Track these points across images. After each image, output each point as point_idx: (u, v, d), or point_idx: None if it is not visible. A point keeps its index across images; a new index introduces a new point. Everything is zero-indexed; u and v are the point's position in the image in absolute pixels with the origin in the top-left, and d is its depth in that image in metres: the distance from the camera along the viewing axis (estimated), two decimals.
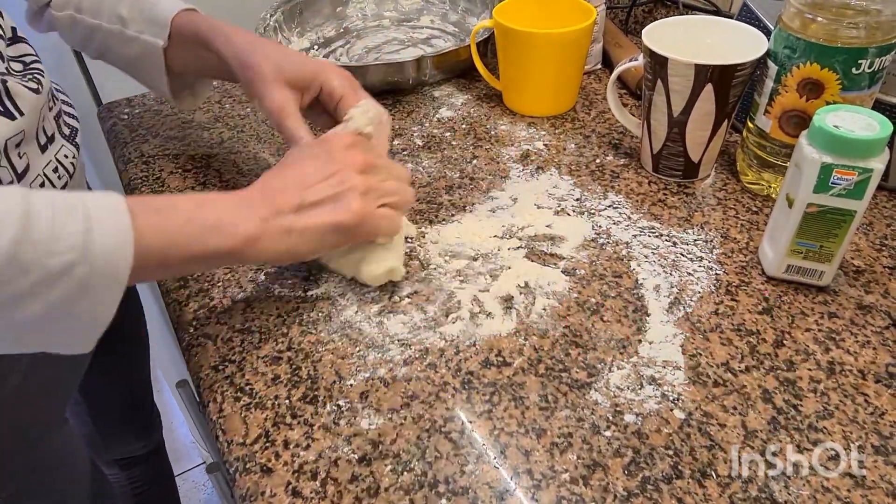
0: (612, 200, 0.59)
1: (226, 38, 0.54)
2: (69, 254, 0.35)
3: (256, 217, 0.43)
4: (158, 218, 0.40)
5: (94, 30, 0.59)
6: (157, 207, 0.40)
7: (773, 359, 0.45)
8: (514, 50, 0.69)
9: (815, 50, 0.50)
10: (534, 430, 0.41)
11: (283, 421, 0.42)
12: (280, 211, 0.44)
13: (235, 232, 0.42)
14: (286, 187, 0.45)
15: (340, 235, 0.46)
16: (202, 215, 0.41)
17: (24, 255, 0.33)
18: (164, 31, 0.57)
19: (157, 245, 0.39)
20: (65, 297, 0.35)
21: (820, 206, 0.45)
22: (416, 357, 0.46)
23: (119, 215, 0.37)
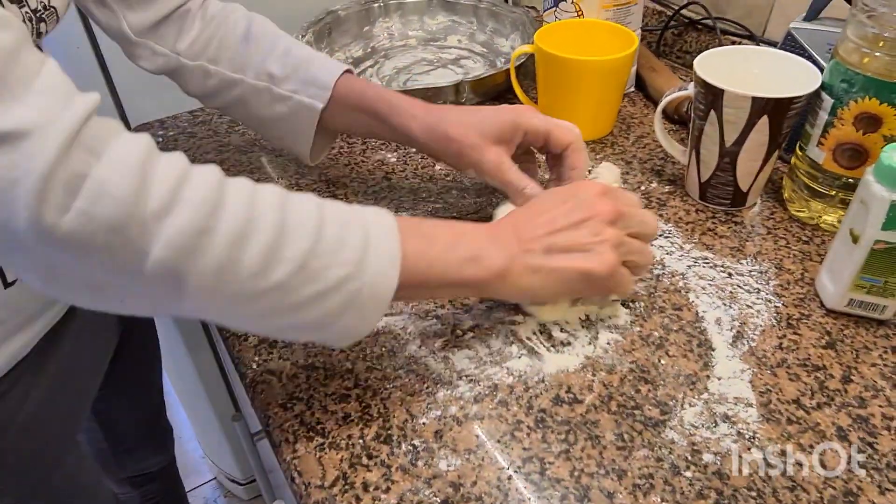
0: (663, 229, 0.60)
1: (405, 114, 0.55)
2: (347, 267, 0.37)
3: (506, 253, 0.44)
4: (424, 243, 0.42)
5: (233, 84, 0.59)
6: (423, 233, 0.43)
7: (843, 395, 0.45)
8: (556, 76, 0.69)
9: (874, 85, 0.50)
10: (614, 470, 0.41)
11: (359, 462, 0.42)
12: (529, 250, 0.45)
13: (490, 265, 0.43)
14: (537, 227, 0.46)
15: (586, 284, 0.46)
16: (461, 245, 0.43)
17: (312, 265, 0.36)
18: (324, 94, 0.57)
19: (420, 269, 0.41)
20: (335, 309, 0.37)
21: (888, 244, 0.45)
22: (485, 394, 0.46)
23: (391, 236, 0.39)
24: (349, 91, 0.57)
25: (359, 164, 0.71)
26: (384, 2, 0.95)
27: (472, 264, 0.43)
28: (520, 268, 0.44)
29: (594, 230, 0.45)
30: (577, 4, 0.73)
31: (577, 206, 0.46)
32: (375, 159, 0.71)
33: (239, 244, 0.34)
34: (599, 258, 0.45)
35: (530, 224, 0.46)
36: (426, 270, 0.41)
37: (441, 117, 0.55)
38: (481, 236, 0.45)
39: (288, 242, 0.35)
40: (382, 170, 0.70)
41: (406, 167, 0.70)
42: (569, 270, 0.45)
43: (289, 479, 0.43)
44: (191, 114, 0.81)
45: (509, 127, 0.53)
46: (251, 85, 0.58)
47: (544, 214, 0.47)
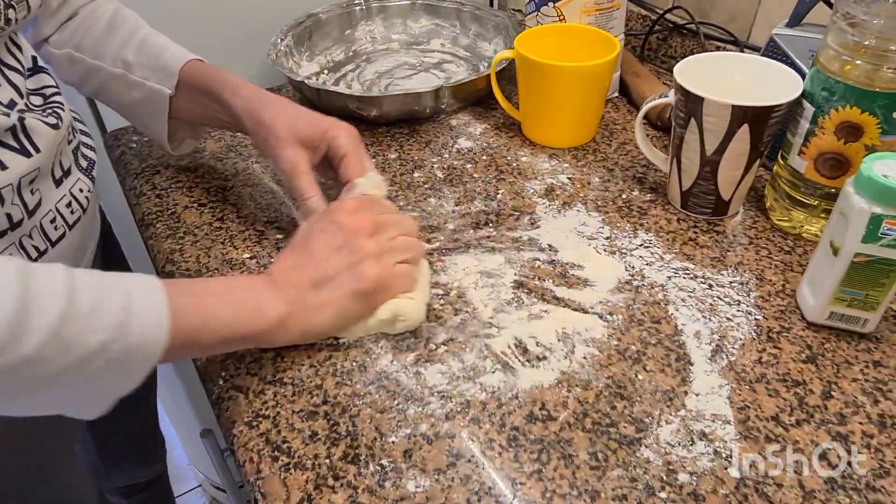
0: (643, 239, 0.59)
1: (236, 93, 0.56)
2: (108, 332, 0.35)
3: (283, 299, 0.44)
4: (194, 301, 0.40)
5: (94, 70, 0.60)
6: (192, 291, 0.41)
7: (822, 411, 0.44)
8: (536, 81, 0.68)
9: (855, 93, 0.49)
10: (587, 491, 0.40)
11: (325, 483, 0.41)
12: (302, 291, 0.45)
13: (266, 315, 0.43)
14: (302, 265, 0.46)
15: (363, 303, 0.47)
16: (234, 299, 0.43)
17: (68, 331, 0.33)
18: (172, 80, 0.58)
19: (191, 326, 0.40)
20: (97, 373, 0.36)
21: (868, 256, 0.44)
22: (458, 411, 0.45)
23: (156, 295, 0.38)
24: (194, 75, 0.58)
25: None
26: (366, 5, 0.94)
27: (251, 316, 0.43)
28: (297, 311, 0.44)
29: (353, 249, 0.46)
30: (558, 9, 0.72)
31: (335, 232, 0.47)
32: None
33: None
34: (362, 275, 0.46)
35: (295, 261, 0.47)
36: (199, 327, 0.40)
37: (264, 103, 0.55)
38: (256, 287, 0.44)
39: (34, 312, 0.33)
40: None
41: (384, 174, 0.69)
42: (341, 297, 0.45)
43: (252, 501, 0.41)
44: None
45: (318, 135, 0.54)
46: (109, 72, 0.59)
47: (308, 249, 0.47)
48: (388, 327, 0.49)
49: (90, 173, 0.58)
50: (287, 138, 0.54)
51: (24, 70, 0.51)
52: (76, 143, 0.56)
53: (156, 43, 0.60)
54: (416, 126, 0.76)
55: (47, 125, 0.50)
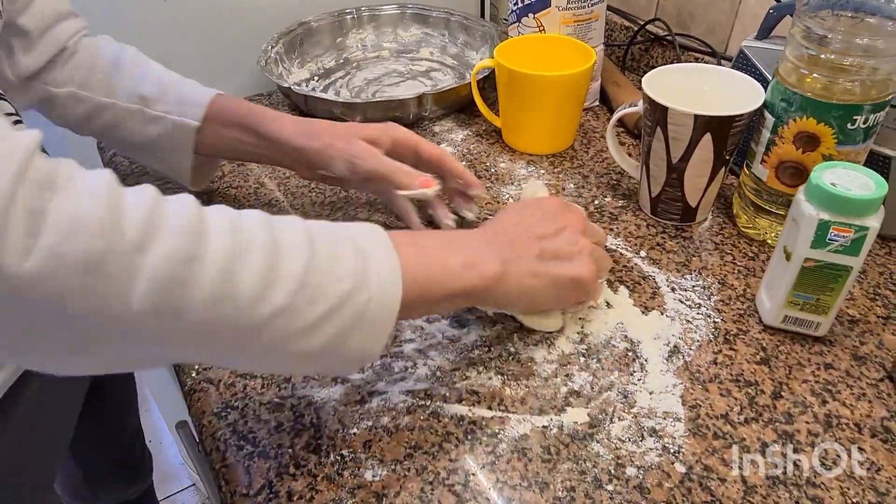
0: (612, 243, 0.60)
1: (275, 120, 0.57)
2: (350, 280, 0.35)
3: (501, 257, 0.44)
4: (418, 252, 0.40)
5: (104, 108, 0.58)
6: (415, 242, 0.41)
7: (771, 411, 0.45)
8: (515, 90, 0.70)
9: (811, 105, 0.51)
10: (537, 483, 0.41)
11: (286, 471, 0.42)
12: (522, 255, 0.45)
13: (486, 270, 0.43)
14: (522, 235, 0.46)
15: (575, 291, 0.48)
16: (455, 252, 0.42)
17: (313, 281, 0.33)
18: (198, 112, 0.57)
19: (420, 277, 0.39)
20: (344, 327, 0.35)
21: (817, 262, 0.46)
22: (419, 405, 0.46)
23: (385, 246, 0.38)
24: (222, 107, 0.58)
25: None
26: (358, 13, 0.96)
27: (470, 271, 0.42)
28: (517, 272, 0.44)
29: (571, 240, 0.47)
30: (538, 20, 0.74)
31: (548, 217, 0.48)
32: None
33: (232, 268, 0.31)
34: (584, 265, 0.47)
35: (515, 231, 0.47)
36: (426, 279, 0.40)
37: (308, 122, 0.57)
38: (474, 242, 0.45)
39: (283, 261, 0.33)
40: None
41: None
42: (561, 277, 0.46)
43: (216, 488, 0.43)
44: None
45: (377, 132, 0.56)
46: (123, 108, 0.58)
47: (526, 221, 0.48)
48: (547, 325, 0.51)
49: None
50: (351, 137, 0.55)
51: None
52: None
53: (172, 78, 0.59)
54: None
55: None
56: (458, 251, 0.42)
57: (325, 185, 0.69)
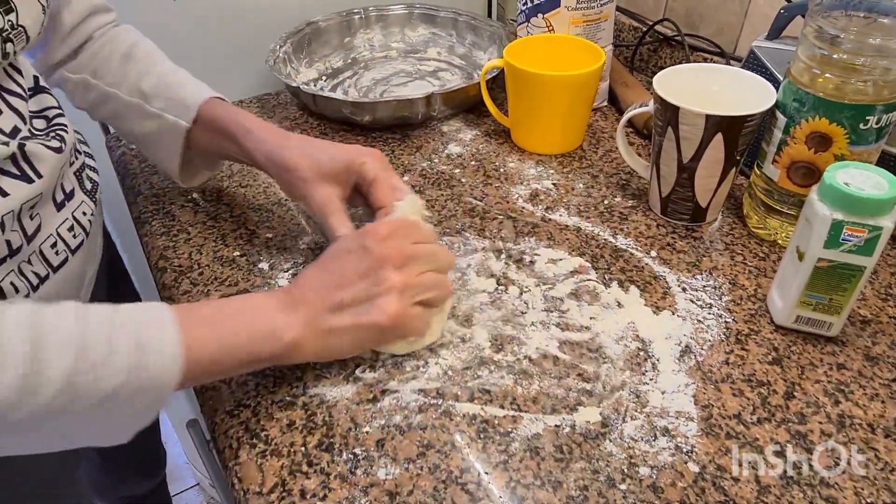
0: (622, 244, 0.60)
1: (253, 138, 0.56)
2: (120, 376, 0.36)
3: (299, 321, 0.44)
4: (206, 329, 0.41)
5: (109, 97, 0.60)
6: (204, 317, 0.42)
7: (784, 411, 0.45)
8: (524, 90, 0.70)
9: (824, 105, 0.51)
10: (550, 482, 0.41)
11: (299, 469, 0.42)
12: (319, 313, 0.44)
13: (282, 337, 0.43)
14: (324, 287, 0.45)
15: (377, 335, 0.46)
16: (249, 323, 0.42)
17: (79, 382, 0.35)
18: (189, 114, 0.58)
19: (206, 355, 0.40)
20: (112, 412, 0.37)
21: (830, 262, 0.46)
22: (431, 404, 0.46)
23: (168, 330, 0.38)
24: (212, 114, 0.58)
25: None
26: (365, 13, 0.96)
27: (267, 340, 0.42)
28: (313, 333, 0.44)
29: (377, 279, 0.45)
30: (547, 20, 0.74)
31: (362, 256, 0.46)
32: None
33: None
34: (381, 309, 0.44)
35: (318, 282, 0.46)
36: (214, 355, 0.40)
37: (285, 145, 0.55)
38: (271, 308, 0.44)
39: (46, 365, 0.34)
40: None
41: None
42: (355, 327, 0.45)
43: (229, 486, 0.43)
44: None
45: (343, 168, 0.53)
46: (124, 100, 0.59)
47: (332, 270, 0.46)
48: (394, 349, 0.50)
49: (94, 196, 0.58)
50: (312, 178, 0.53)
51: (26, 93, 0.51)
52: (79, 164, 0.56)
53: (176, 77, 0.60)
54: (409, 132, 0.79)
55: (50, 149, 0.49)
56: (252, 322, 0.43)
57: None
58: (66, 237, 0.52)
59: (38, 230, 0.49)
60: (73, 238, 0.53)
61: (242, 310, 0.44)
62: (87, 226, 0.55)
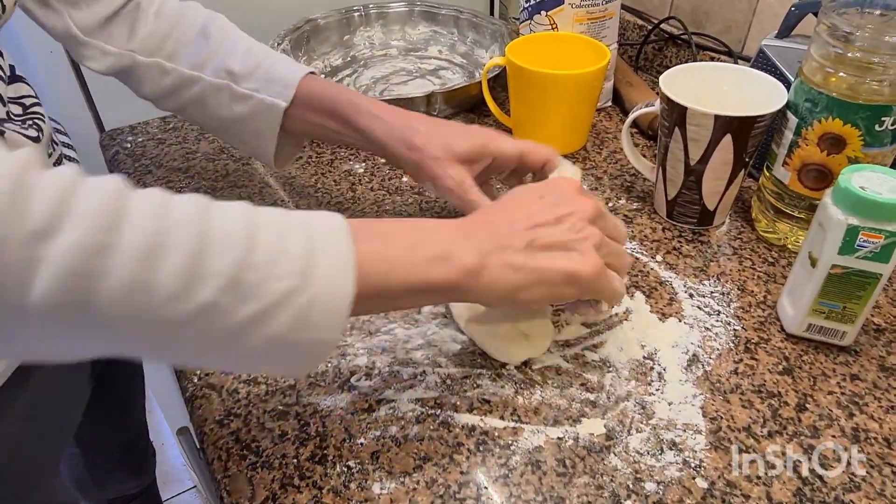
0: (626, 247, 0.58)
1: (373, 118, 0.52)
2: (289, 279, 0.31)
3: (480, 249, 0.39)
4: (380, 244, 0.36)
5: (190, 82, 0.55)
6: (379, 232, 0.38)
7: (796, 424, 0.44)
8: (527, 89, 0.68)
9: (838, 105, 0.49)
10: (552, 498, 0.40)
11: (290, 483, 0.41)
12: (507, 246, 0.39)
13: (460, 263, 0.38)
14: (514, 222, 0.41)
15: (572, 287, 0.40)
16: (424, 243, 0.38)
17: (246, 279, 0.30)
18: (288, 92, 0.54)
19: (378, 273, 0.35)
20: (282, 330, 0.32)
21: (844, 268, 0.44)
22: (428, 414, 0.45)
23: (341, 239, 0.34)
24: (313, 91, 0.54)
25: (325, 174, 0.70)
26: (365, 11, 0.94)
27: (440, 263, 0.37)
28: (497, 265, 0.39)
29: (576, 227, 0.41)
30: (551, 17, 0.73)
31: (556, 202, 0.42)
32: (343, 169, 0.71)
33: (149, 261, 0.28)
34: (584, 258, 0.40)
35: (508, 218, 0.41)
36: (386, 275, 0.36)
37: (407, 124, 0.52)
38: (450, 232, 0.40)
39: (212, 255, 0.30)
40: (349, 180, 0.69)
41: (373, 178, 0.69)
42: (553, 271, 0.39)
43: (218, 498, 0.41)
44: (162, 120, 0.80)
45: (478, 149, 0.51)
46: (210, 83, 0.55)
47: (522, 209, 0.42)
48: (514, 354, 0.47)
49: None
50: (444, 158, 0.50)
51: (5, 77, 0.49)
52: (57, 156, 0.54)
53: (264, 53, 0.56)
54: None
55: (28, 138, 0.47)
56: (427, 242, 0.38)
57: (331, 185, 0.68)
58: None
59: None
60: None
61: (420, 230, 0.39)
62: None
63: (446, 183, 0.50)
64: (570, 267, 0.40)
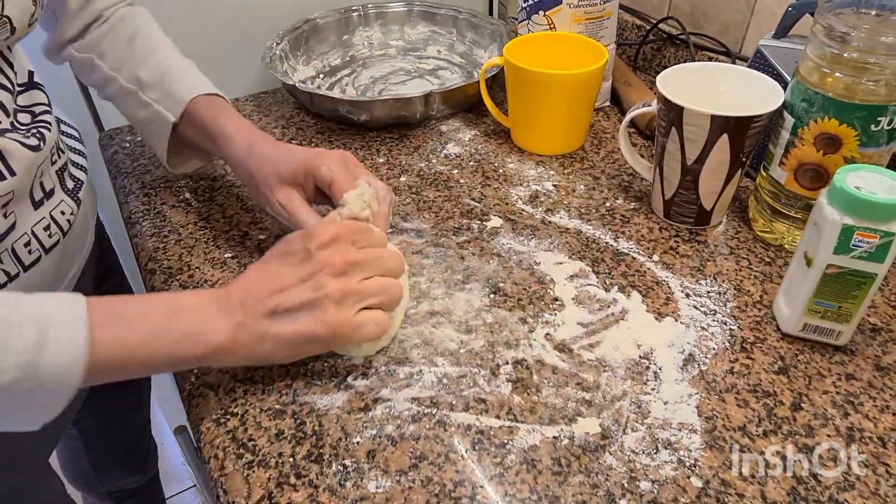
0: (623, 247, 0.59)
1: (229, 143, 0.56)
2: (13, 371, 0.35)
3: (232, 323, 0.42)
4: (123, 329, 0.39)
5: (110, 80, 0.60)
6: (125, 317, 0.40)
7: (791, 423, 0.44)
8: (525, 89, 0.69)
9: (834, 105, 0.49)
10: (547, 496, 0.40)
11: (286, 481, 0.41)
12: (255, 316, 0.42)
13: (207, 340, 0.41)
14: (262, 289, 0.43)
15: (316, 345, 0.45)
16: (174, 325, 0.41)
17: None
18: (178, 108, 0.58)
19: (116, 356, 0.38)
20: (7, 404, 0.36)
21: (840, 268, 0.44)
22: (424, 413, 0.45)
23: (76, 330, 0.37)
24: (197, 112, 0.58)
25: None
26: (364, 11, 0.94)
27: (191, 340, 0.40)
28: (246, 338, 0.42)
29: (317, 285, 0.43)
30: (549, 17, 0.73)
31: (303, 260, 0.44)
32: None
33: None
34: (319, 317, 0.42)
35: (256, 284, 0.44)
36: (126, 356, 0.39)
37: (252, 151, 0.54)
38: (206, 307, 0.42)
39: None
40: None
41: None
42: (292, 335, 0.43)
43: (214, 497, 0.42)
44: None
45: (301, 169, 0.52)
46: (123, 86, 0.60)
47: (272, 272, 0.44)
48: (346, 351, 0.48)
49: (76, 195, 0.56)
50: (273, 183, 0.53)
51: (14, 87, 0.50)
52: (62, 163, 0.55)
53: (173, 69, 0.60)
54: (407, 131, 0.77)
55: (26, 147, 0.48)
56: (175, 323, 0.41)
57: None
58: (40, 236, 0.51)
59: (11, 228, 0.48)
60: (49, 237, 0.52)
61: (173, 310, 0.42)
62: (65, 225, 0.54)
63: (274, 207, 0.53)
64: (307, 329, 0.43)
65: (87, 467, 0.85)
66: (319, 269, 0.43)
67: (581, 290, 0.54)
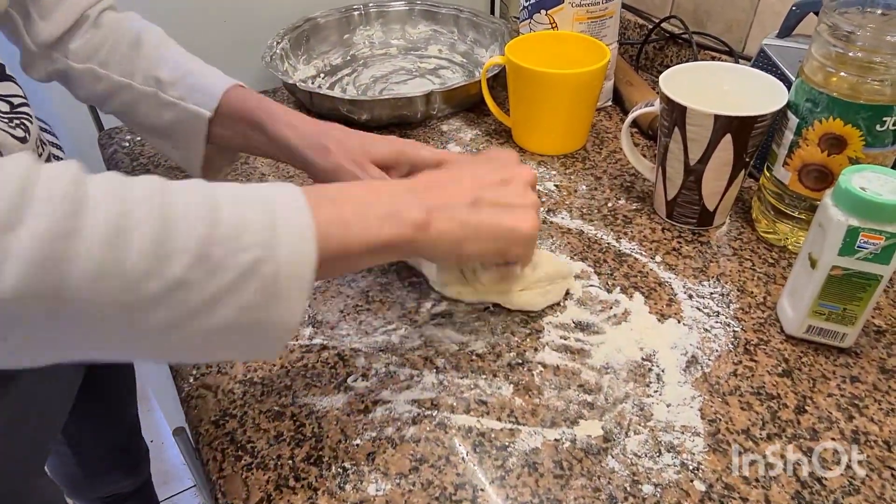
0: (626, 248, 0.58)
1: (286, 125, 0.53)
2: (257, 250, 0.32)
3: (427, 204, 0.40)
4: (334, 208, 0.37)
5: (120, 88, 0.57)
6: (331, 197, 0.38)
7: (795, 426, 0.43)
8: (526, 88, 0.68)
9: (839, 105, 0.49)
10: (548, 499, 0.39)
11: (286, 484, 0.41)
12: (452, 202, 0.42)
13: (409, 217, 0.39)
14: (460, 180, 0.43)
15: (510, 243, 0.44)
16: (376, 203, 0.39)
17: (213, 254, 0.31)
18: (212, 102, 0.55)
19: (336, 235, 0.36)
20: (252, 301, 0.32)
21: (845, 269, 0.44)
22: (424, 415, 0.44)
23: (299, 205, 0.35)
24: (236, 101, 0.55)
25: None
26: (365, 10, 0.94)
27: (391, 220, 0.38)
28: (443, 219, 0.41)
29: (518, 191, 0.44)
30: (551, 16, 0.72)
31: (499, 167, 0.45)
32: None
33: (115, 243, 0.28)
34: (525, 217, 0.44)
35: (453, 178, 0.44)
36: (343, 236, 0.37)
37: (323, 131, 0.53)
38: (398, 190, 0.41)
39: (177, 232, 0.30)
40: None
41: None
42: (496, 226, 0.43)
43: (213, 499, 0.41)
44: None
45: (395, 155, 0.51)
46: (139, 90, 0.56)
47: (468, 171, 0.45)
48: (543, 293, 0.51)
49: None
50: (362, 160, 0.51)
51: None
52: (45, 156, 0.54)
53: (194, 64, 0.58)
54: (408, 131, 0.77)
55: (15, 138, 0.47)
56: (377, 201, 0.39)
57: None
58: None
59: None
60: None
61: (369, 190, 0.41)
62: None
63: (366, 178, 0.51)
64: (511, 223, 0.43)
65: (77, 473, 0.85)
66: (517, 177, 0.45)
67: (583, 290, 0.54)
